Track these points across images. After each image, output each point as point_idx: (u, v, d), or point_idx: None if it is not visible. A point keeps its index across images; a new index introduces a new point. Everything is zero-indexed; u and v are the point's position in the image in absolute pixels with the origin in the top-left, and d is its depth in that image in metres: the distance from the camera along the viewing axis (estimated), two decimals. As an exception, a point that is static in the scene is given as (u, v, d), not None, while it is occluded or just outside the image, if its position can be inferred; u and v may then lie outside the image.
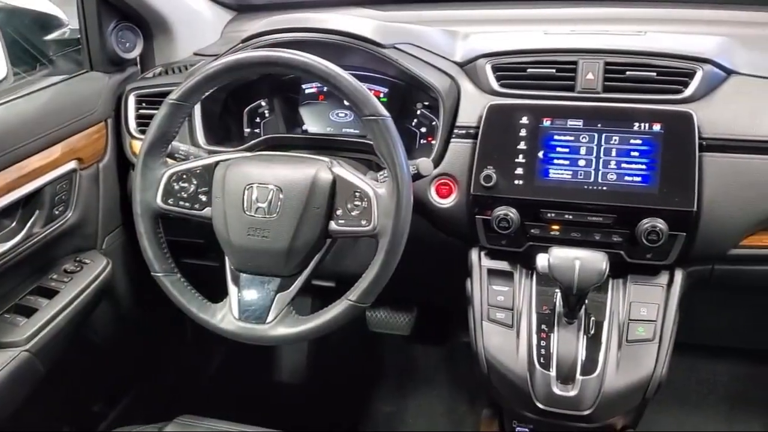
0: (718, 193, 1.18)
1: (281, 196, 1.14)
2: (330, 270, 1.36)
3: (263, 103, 1.56)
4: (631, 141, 1.20)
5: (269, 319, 1.18)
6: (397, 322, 2.03)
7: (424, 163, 1.21)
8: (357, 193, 1.13)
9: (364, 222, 1.13)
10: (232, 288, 1.22)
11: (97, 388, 1.82)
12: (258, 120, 1.57)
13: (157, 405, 1.95)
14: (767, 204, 1.18)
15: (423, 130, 1.47)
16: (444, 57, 1.39)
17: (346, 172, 1.16)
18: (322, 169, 1.16)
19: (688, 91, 1.21)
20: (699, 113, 1.19)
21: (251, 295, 1.20)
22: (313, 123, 1.55)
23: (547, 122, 1.24)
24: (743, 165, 1.18)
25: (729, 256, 1.23)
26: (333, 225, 1.16)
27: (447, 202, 1.31)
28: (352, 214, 1.14)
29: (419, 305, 2.03)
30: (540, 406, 1.18)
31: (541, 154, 1.24)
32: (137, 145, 1.53)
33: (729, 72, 1.24)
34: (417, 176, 1.22)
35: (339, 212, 1.15)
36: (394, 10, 1.74)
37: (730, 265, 1.25)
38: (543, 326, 1.23)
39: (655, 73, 1.23)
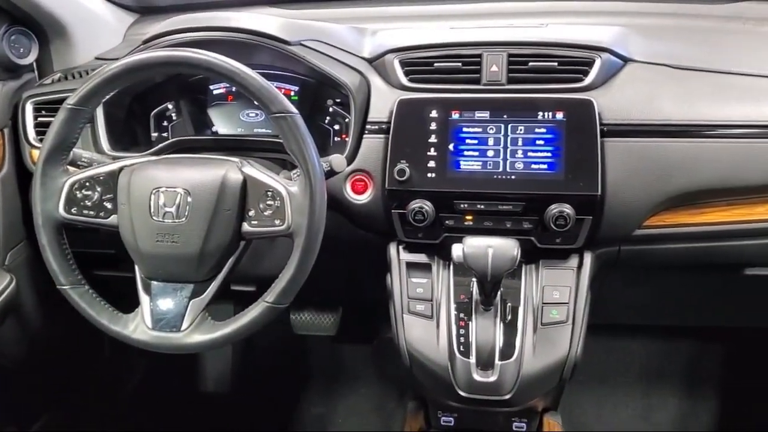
0: (621, 177, 1.23)
1: (189, 199, 1.12)
2: (249, 273, 1.34)
3: (170, 106, 1.52)
4: (536, 130, 1.23)
5: (184, 326, 1.15)
6: (322, 323, 2.02)
7: (337, 160, 1.21)
8: (269, 193, 1.12)
9: (277, 222, 1.11)
10: (143, 297, 1.18)
11: (8, 412, 1.73)
12: (165, 123, 1.53)
13: (77, 424, 1.86)
14: (666, 185, 1.23)
15: (336, 127, 1.46)
16: (352, 53, 1.39)
17: (256, 171, 1.14)
18: (231, 170, 1.14)
19: (588, 79, 1.26)
20: (599, 100, 1.23)
21: (164, 303, 1.16)
22: (223, 124, 1.52)
23: (455, 115, 1.26)
24: (643, 148, 1.23)
25: (634, 236, 1.28)
26: (246, 226, 1.14)
27: (363, 198, 1.31)
28: (265, 214, 1.12)
29: (344, 304, 2.03)
30: (462, 393, 1.20)
31: (451, 147, 1.25)
32: (38, 155, 1.46)
33: (626, 60, 1.29)
34: (330, 173, 1.21)
35: (251, 213, 1.13)
36: (302, 8, 1.73)
37: (636, 245, 1.31)
38: (461, 315, 1.25)
39: (556, 63, 1.27)
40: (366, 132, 1.31)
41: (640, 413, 1.96)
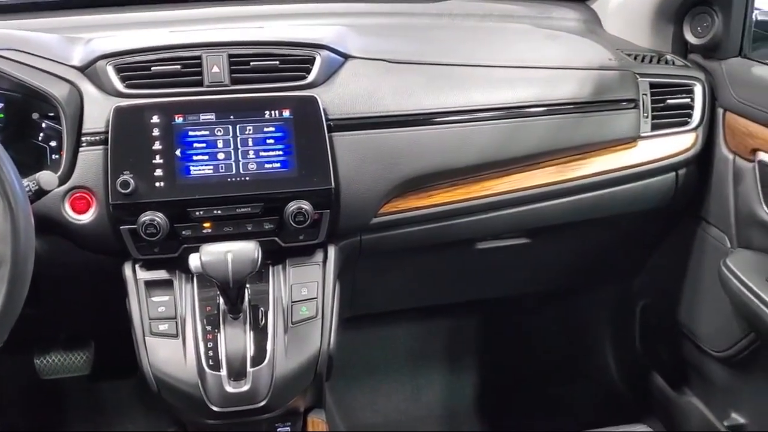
0: (352, 169, 1.27)
1: None
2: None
3: None
4: (265, 129, 1.22)
5: None
6: (72, 362, 1.83)
7: (46, 177, 1.09)
8: None
9: (-26, 253, 0.97)
10: None
11: None
12: None
13: None
14: (394, 173, 1.29)
15: (53, 143, 1.32)
16: (60, 62, 1.27)
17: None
18: None
19: (311, 77, 1.28)
20: (323, 96, 1.26)
21: None
22: None
23: (179, 119, 1.21)
24: (367, 140, 1.28)
25: (371, 225, 1.33)
26: None
27: (86, 217, 1.20)
28: (-43, 246, 0.97)
29: (96, 337, 1.86)
30: (215, 409, 1.15)
31: (178, 152, 1.20)
32: None
33: (346, 56, 1.33)
34: (39, 193, 1.09)
35: (-58, 247, 0.98)
36: (6, 19, 1.55)
37: (375, 233, 1.36)
38: (209, 328, 1.20)
39: (278, 62, 1.27)
40: (82, 145, 1.20)
41: (410, 396, 2.05)
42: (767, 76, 1.40)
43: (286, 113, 1.23)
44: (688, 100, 1.48)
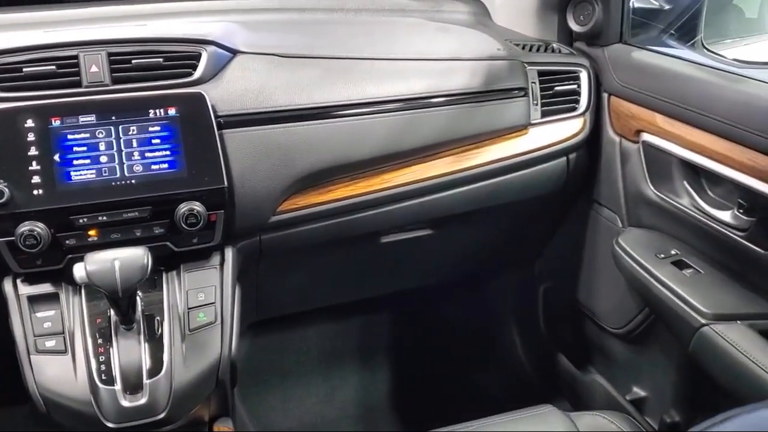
0: (245, 167, 1.23)
1: None
2: None
3: None
4: (150, 129, 1.17)
5: None
6: (-44, 393, 1.70)
7: None
8: None
9: None
10: None
11: None
12: None
13: None
14: (290, 169, 1.27)
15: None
16: None
17: None
18: None
19: (197, 73, 1.23)
20: (211, 93, 1.22)
21: None
22: None
23: (56, 122, 1.14)
24: (260, 137, 1.24)
25: (270, 224, 1.30)
26: None
27: (-45, 232, 1.11)
28: None
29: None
30: (110, 425, 1.08)
31: (57, 157, 1.13)
32: None
33: (234, 52, 1.29)
34: None
35: None
36: None
37: (275, 232, 1.33)
38: (100, 341, 1.13)
39: (161, 59, 1.22)
40: None
41: (325, 397, 2.02)
42: (646, 60, 1.46)
43: (172, 111, 1.18)
44: (574, 86, 1.53)
